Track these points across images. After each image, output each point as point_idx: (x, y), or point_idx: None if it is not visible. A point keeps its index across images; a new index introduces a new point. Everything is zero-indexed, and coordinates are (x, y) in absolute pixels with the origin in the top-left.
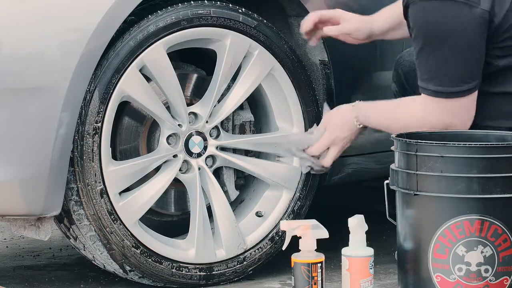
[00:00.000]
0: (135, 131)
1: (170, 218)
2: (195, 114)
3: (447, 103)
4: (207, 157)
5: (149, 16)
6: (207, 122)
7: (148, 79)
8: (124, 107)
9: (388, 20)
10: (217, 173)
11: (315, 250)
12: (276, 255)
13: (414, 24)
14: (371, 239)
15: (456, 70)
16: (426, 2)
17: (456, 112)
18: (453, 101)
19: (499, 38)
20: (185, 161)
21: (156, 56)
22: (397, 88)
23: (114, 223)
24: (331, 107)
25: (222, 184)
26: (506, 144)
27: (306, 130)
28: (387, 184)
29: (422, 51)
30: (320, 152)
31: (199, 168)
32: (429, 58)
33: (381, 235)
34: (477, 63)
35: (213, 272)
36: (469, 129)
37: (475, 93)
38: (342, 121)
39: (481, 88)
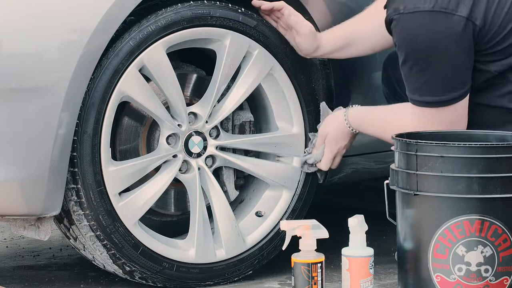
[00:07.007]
0: (135, 131)
1: (170, 218)
2: (194, 114)
3: (438, 111)
4: (207, 157)
5: (149, 16)
6: (206, 122)
7: (147, 79)
8: (124, 107)
9: (337, 41)
10: (217, 173)
11: (315, 250)
12: (276, 255)
13: (396, 38)
14: (371, 239)
15: (444, 78)
16: (406, 15)
17: (448, 120)
18: (444, 110)
19: (487, 42)
20: (184, 161)
21: (156, 56)
22: (388, 91)
23: (114, 224)
24: (331, 107)
25: (222, 184)
26: (506, 144)
27: (306, 130)
28: (387, 184)
29: (406, 62)
30: (329, 166)
31: (198, 168)
32: (415, 70)
33: (381, 235)
34: (465, 67)
35: (213, 272)
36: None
37: (466, 98)
38: (338, 132)
39: (478, 100)
